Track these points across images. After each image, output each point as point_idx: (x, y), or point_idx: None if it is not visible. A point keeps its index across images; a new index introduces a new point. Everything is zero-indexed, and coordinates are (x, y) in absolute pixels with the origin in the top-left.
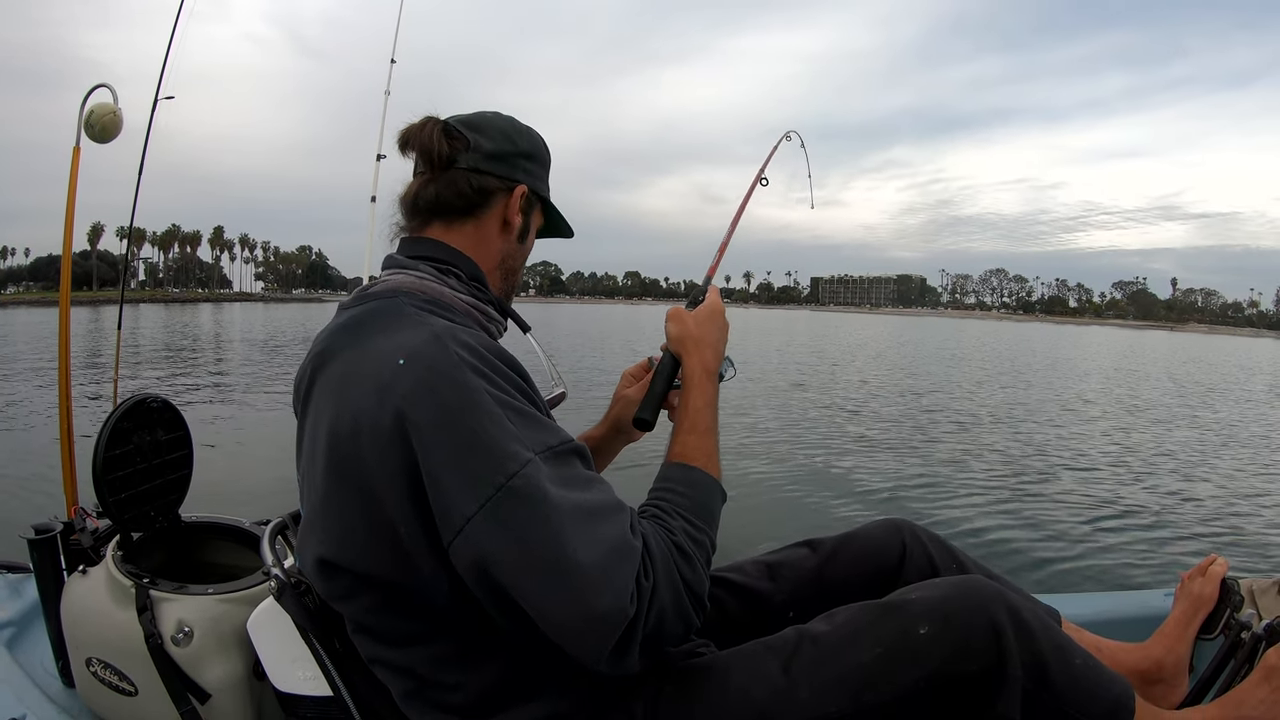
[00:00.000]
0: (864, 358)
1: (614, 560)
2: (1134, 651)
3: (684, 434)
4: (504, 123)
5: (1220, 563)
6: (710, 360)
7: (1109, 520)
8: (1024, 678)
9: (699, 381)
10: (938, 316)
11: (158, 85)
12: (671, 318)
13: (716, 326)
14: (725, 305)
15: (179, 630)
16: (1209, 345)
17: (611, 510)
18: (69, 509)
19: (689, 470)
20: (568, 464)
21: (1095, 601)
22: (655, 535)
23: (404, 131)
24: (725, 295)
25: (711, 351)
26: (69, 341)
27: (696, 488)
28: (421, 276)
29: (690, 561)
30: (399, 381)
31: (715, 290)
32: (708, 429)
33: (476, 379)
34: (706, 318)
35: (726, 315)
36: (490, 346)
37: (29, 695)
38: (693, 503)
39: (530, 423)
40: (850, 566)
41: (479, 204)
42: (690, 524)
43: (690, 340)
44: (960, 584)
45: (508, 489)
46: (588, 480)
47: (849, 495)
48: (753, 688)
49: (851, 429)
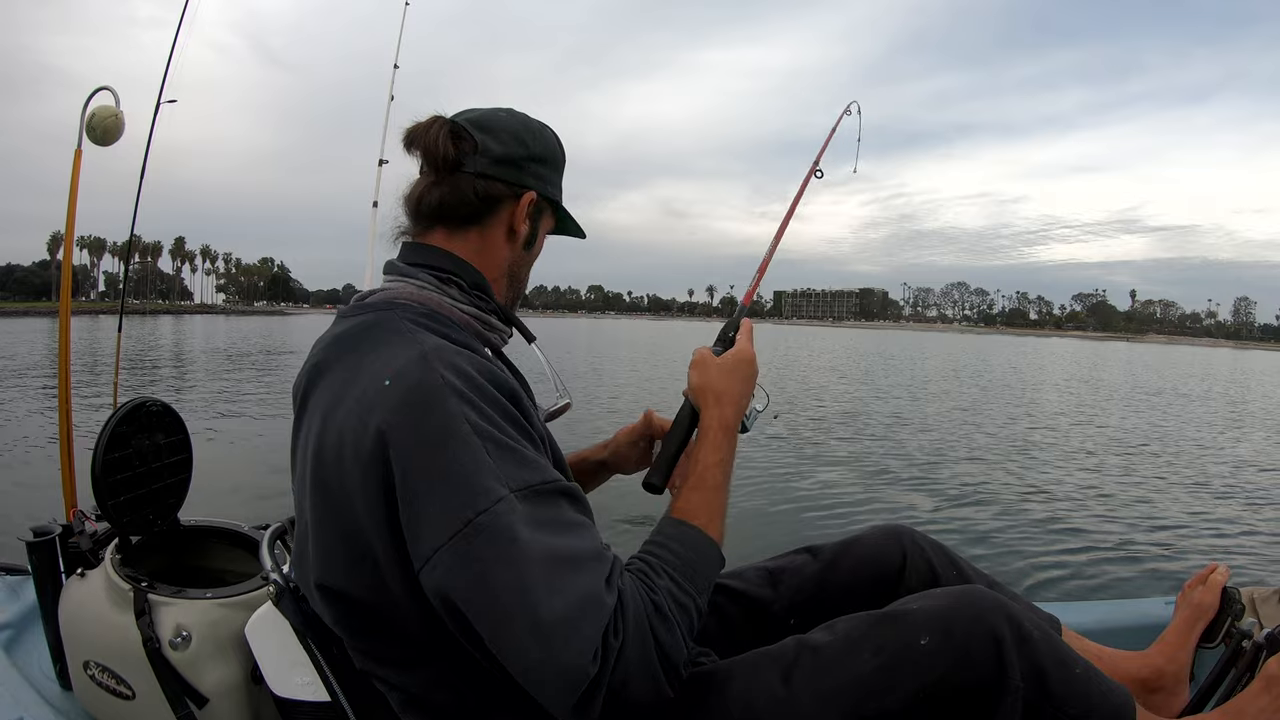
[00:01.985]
0: (850, 369)
1: (579, 614)
2: (1134, 660)
3: (690, 489)
4: (515, 123)
5: (1221, 571)
6: (730, 416)
7: (1109, 528)
8: (1025, 688)
9: (714, 437)
10: (899, 329)
11: (160, 90)
12: (695, 365)
13: (742, 378)
14: (691, 321)
15: (177, 634)
16: (1182, 356)
17: (587, 559)
18: (68, 512)
19: (687, 529)
20: (549, 504)
21: (1095, 610)
22: (635, 592)
23: (409, 130)
24: (686, 310)
25: (733, 407)
26: (69, 346)
27: (691, 548)
28: (422, 286)
29: (668, 625)
30: (383, 402)
31: (748, 329)
32: (715, 486)
33: (459, 405)
34: (732, 368)
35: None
36: (481, 369)
37: (26, 698)
38: (684, 563)
39: (511, 457)
40: (851, 573)
41: (484, 211)
42: (676, 585)
43: (711, 393)
44: (960, 594)
45: (475, 525)
46: (568, 524)
47: (849, 503)
48: (753, 697)
49: (848, 438)
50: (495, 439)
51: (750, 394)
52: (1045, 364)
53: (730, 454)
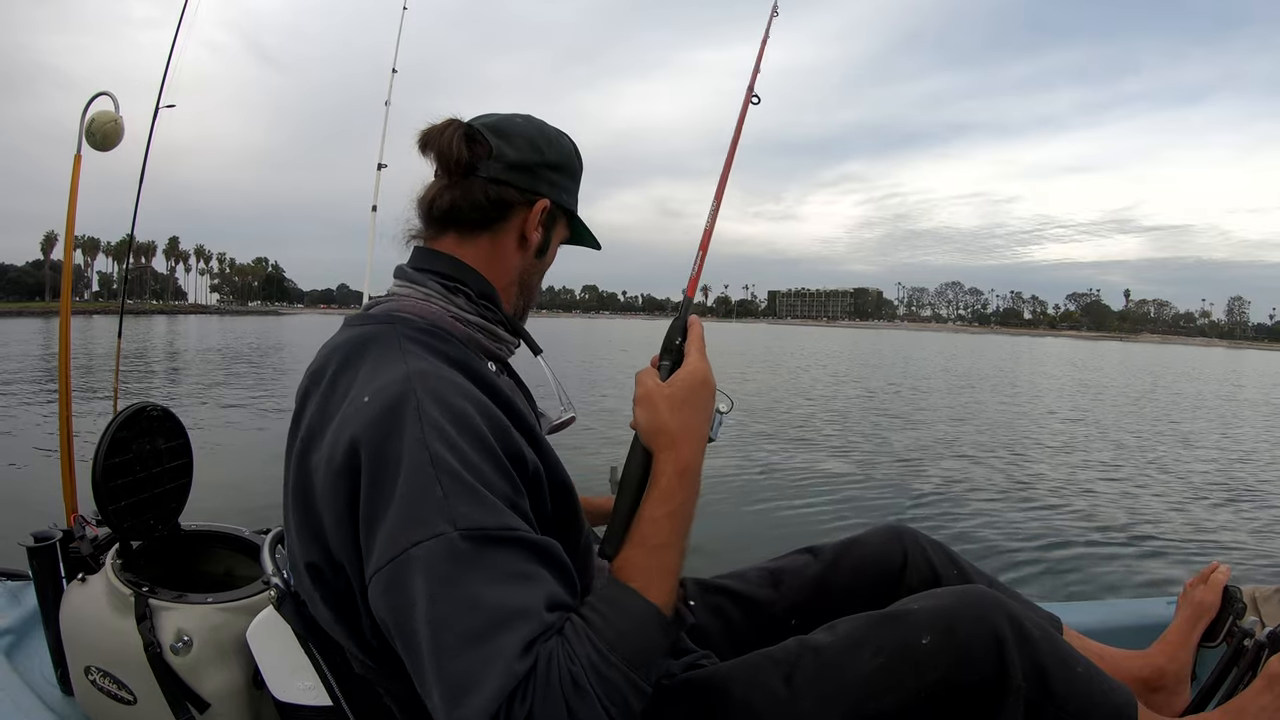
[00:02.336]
0: (848, 369)
1: (484, 670)
2: (1136, 659)
3: (631, 546)
4: (531, 129)
5: (1222, 570)
6: (688, 457)
7: (1110, 528)
8: (1026, 687)
9: (665, 485)
10: (894, 329)
11: (158, 95)
12: (640, 401)
13: (698, 407)
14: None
15: (178, 639)
16: (1176, 355)
17: (511, 617)
18: (68, 517)
19: (621, 592)
20: (495, 551)
21: (1097, 610)
22: (556, 660)
23: (424, 132)
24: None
25: (691, 445)
26: (69, 349)
27: (622, 614)
28: (428, 294)
29: (584, 699)
30: (358, 418)
31: (698, 335)
32: (662, 544)
33: (424, 432)
34: (684, 399)
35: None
36: (469, 396)
37: (27, 703)
38: (614, 632)
39: (468, 495)
40: (852, 573)
41: (496, 217)
42: (600, 655)
43: (664, 436)
44: (962, 594)
45: (409, 556)
46: (510, 575)
47: (850, 503)
48: (755, 699)
49: (847, 437)
50: (454, 473)
51: (710, 419)
52: (1041, 364)
53: (688, 499)
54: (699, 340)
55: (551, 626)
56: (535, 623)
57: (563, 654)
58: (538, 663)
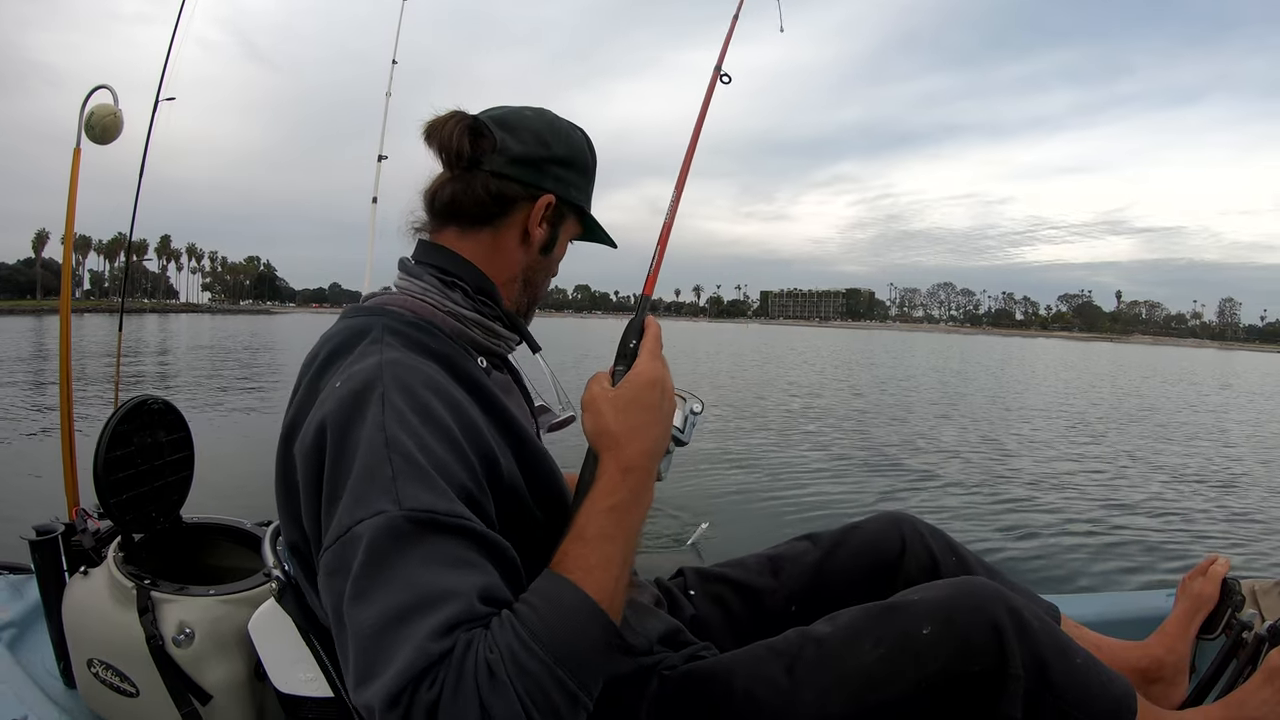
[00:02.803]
0: (846, 368)
1: (394, 651)
2: (1134, 650)
3: (568, 540)
4: (540, 123)
5: (1221, 562)
6: (632, 455)
7: (1110, 521)
8: (1025, 677)
9: (607, 482)
10: (886, 329)
11: (158, 87)
12: (585, 405)
13: (644, 408)
14: (678, 320)
15: (180, 631)
16: (1168, 356)
17: (436, 599)
18: (70, 510)
19: (553, 582)
20: (439, 536)
21: (1096, 602)
22: (476, 647)
23: (429, 123)
24: (674, 310)
25: (636, 445)
26: (70, 345)
27: (551, 605)
28: (424, 288)
29: (498, 688)
30: (330, 400)
31: (653, 337)
32: (601, 536)
33: (386, 415)
34: (629, 402)
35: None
36: (436, 388)
37: (30, 696)
38: (539, 622)
39: (418, 478)
40: (851, 559)
41: (497, 212)
42: (523, 645)
43: (606, 438)
44: (961, 584)
45: (353, 533)
46: (448, 561)
47: (851, 492)
48: (757, 690)
49: (852, 432)
50: (408, 455)
51: (664, 418)
52: (1035, 363)
53: (634, 497)
54: (652, 341)
55: (480, 615)
56: (461, 606)
57: (484, 643)
58: (455, 647)
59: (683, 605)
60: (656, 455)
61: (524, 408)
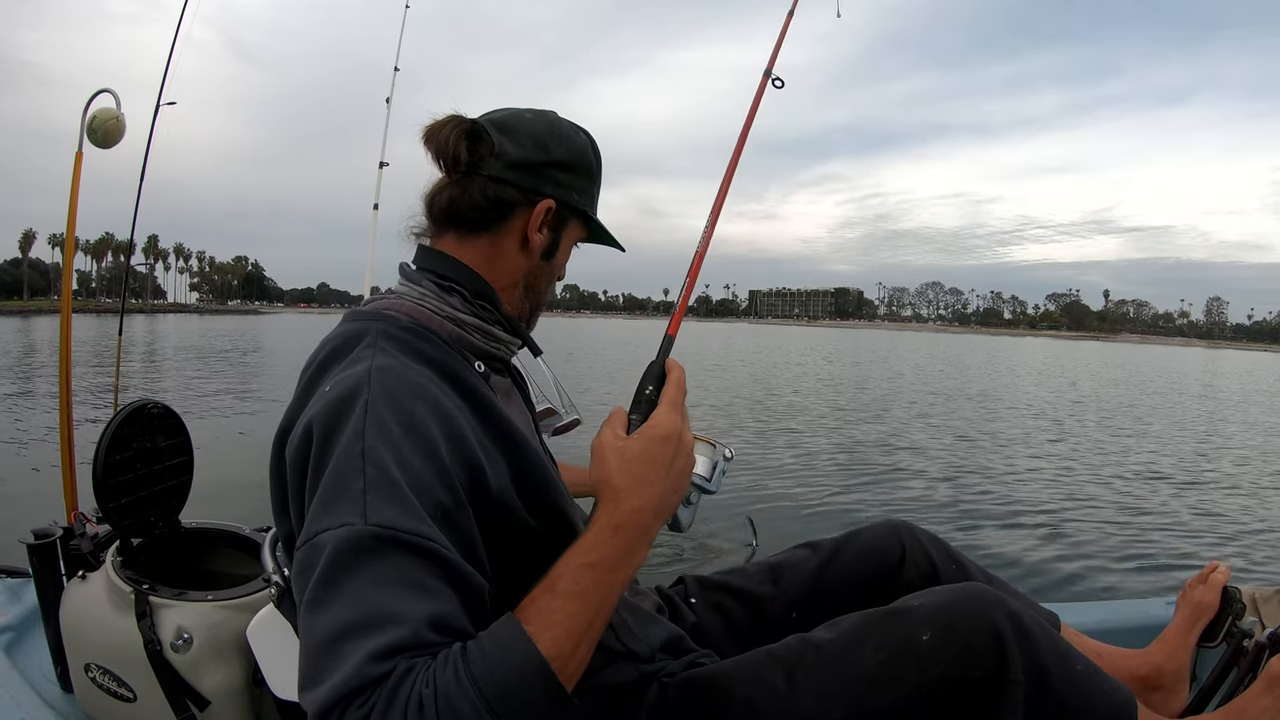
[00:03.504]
0: (844, 370)
1: (335, 665)
2: (1134, 658)
3: (539, 587)
4: (540, 126)
5: (1222, 570)
6: (628, 513)
7: (1109, 528)
8: (1026, 683)
9: (594, 535)
10: (874, 329)
11: (159, 92)
12: (595, 451)
13: (651, 464)
14: (662, 323)
15: (178, 636)
16: (1156, 355)
17: (383, 621)
18: (69, 514)
19: (509, 628)
20: (399, 555)
21: (1096, 610)
22: (413, 677)
23: (427, 127)
24: (663, 309)
25: (635, 504)
26: (70, 348)
27: (500, 653)
28: (422, 293)
29: None
30: (318, 404)
31: (676, 384)
32: (573, 593)
33: (367, 425)
34: (637, 454)
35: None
36: (426, 397)
37: (27, 700)
38: (482, 667)
39: (390, 494)
40: (851, 566)
41: (495, 218)
42: (458, 686)
43: (607, 488)
44: (961, 590)
45: (318, 540)
46: (404, 583)
47: (851, 501)
48: (757, 697)
49: (848, 439)
50: (382, 469)
51: (674, 476)
52: (1026, 362)
53: (620, 556)
54: (674, 390)
55: (426, 644)
56: (405, 632)
57: (424, 674)
58: (392, 673)
59: (684, 613)
60: (659, 514)
61: (525, 413)
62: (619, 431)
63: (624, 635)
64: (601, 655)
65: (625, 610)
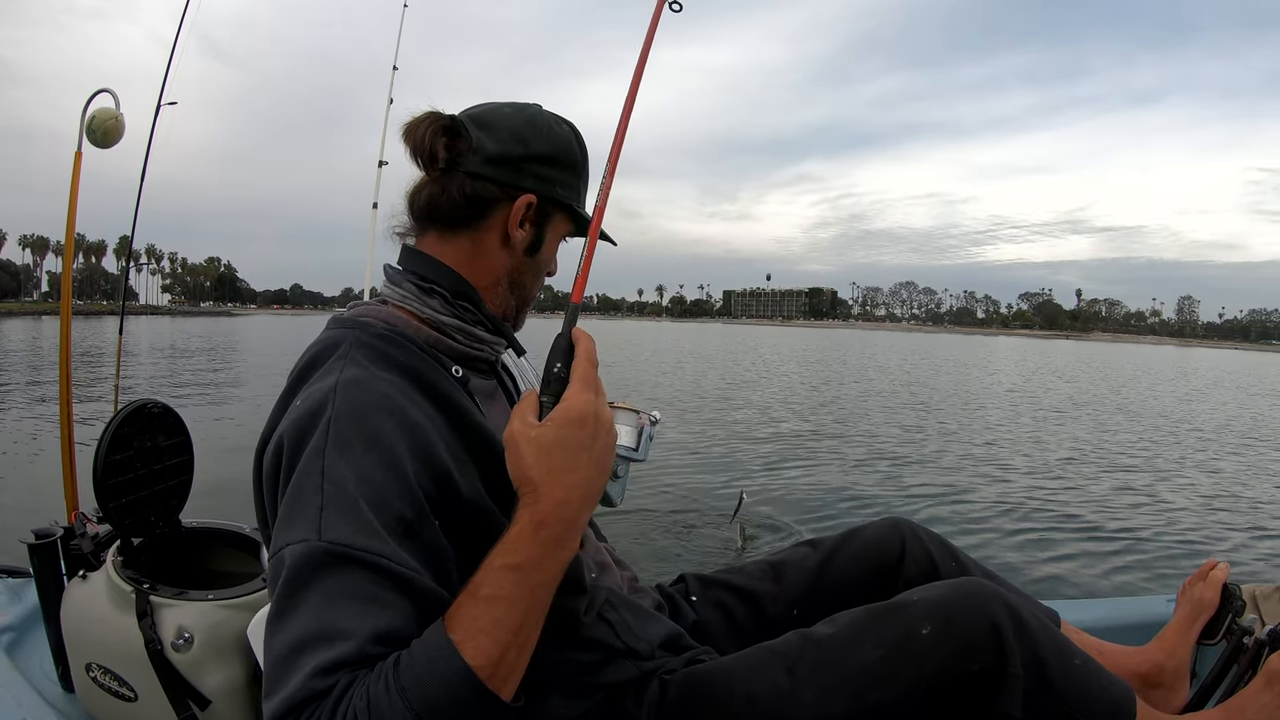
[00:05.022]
0: (844, 369)
1: (288, 678)
2: (1134, 655)
3: (463, 593)
4: (519, 119)
5: (1222, 567)
6: (549, 509)
7: (1108, 526)
8: (1025, 676)
9: (514, 535)
10: (849, 328)
11: (160, 91)
12: (507, 442)
13: (573, 449)
14: (640, 321)
15: (179, 636)
16: (1129, 353)
17: (331, 635)
18: (69, 514)
19: (437, 638)
20: (351, 571)
21: (1095, 607)
22: (355, 690)
23: (406, 125)
24: (637, 310)
25: (556, 497)
26: (69, 349)
27: (426, 662)
28: (404, 295)
29: None
30: (288, 417)
31: (585, 357)
32: (494, 598)
33: (329, 442)
34: (554, 441)
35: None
36: (392, 409)
37: (28, 700)
38: (410, 677)
39: (345, 510)
40: (851, 564)
41: (474, 215)
42: (387, 696)
43: (526, 484)
44: (960, 584)
45: (281, 555)
46: (354, 598)
47: (852, 501)
48: (758, 692)
49: (846, 434)
50: (340, 486)
51: (596, 460)
52: (1004, 361)
53: (543, 554)
54: (584, 364)
55: (370, 658)
56: (350, 648)
57: (361, 688)
58: (335, 687)
59: (684, 611)
60: (587, 501)
61: (509, 413)
62: (530, 419)
63: (623, 633)
64: (601, 653)
65: (625, 608)
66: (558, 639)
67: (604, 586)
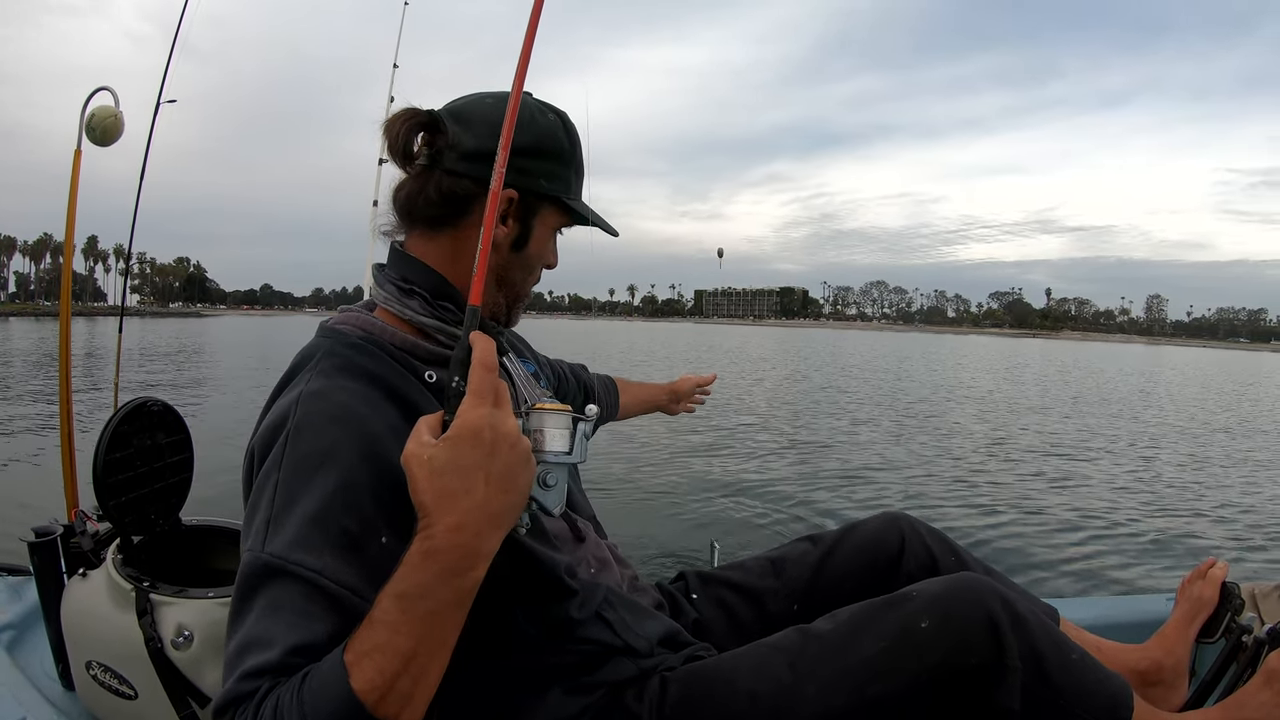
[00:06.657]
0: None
1: (227, 676)
2: (1133, 652)
3: (365, 620)
4: (497, 113)
5: (1220, 566)
6: (442, 536)
7: (1107, 524)
8: (1022, 669)
9: (406, 562)
10: (820, 328)
11: (160, 89)
12: (404, 464)
13: (462, 474)
14: (612, 320)
15: (179, 634)
16: (1104, 352)
17: (258, 644)
18: (69, 512)
19: (334, 658)
20: (285, 584)
21: (1094, 605)
22: (273, 698)
23: (385, 121)
24: (608, 309)
25: (448, 522)
26: (70, 347)
27: (321, 683)
28: (386, 298)
29: None
30: (260, 426)
31: (482, 366)
32: (384, 622)
33: (285, 456)
34: (446, 462)
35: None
36: (348, 420)
37: (29, 698)
38: (309, 693)
39: (289, 524)
40: (851, 558)
41: (453, 213)
42: (289, 710)
43: (421, 509)
44: (958, 580)
45: (245, 560)
46: (284, 610)
47: (853, 499)
48: (760, 688)
49: (852, 435)
50: (289, 501)
51: (497, 479)
52: (981, 359)
53: (435, 581)
54: (479, 372)
55: (289, 669)
56: (271, 656)
57: (273, 698)
58: (257, 692)
59: (685, 609)
60: (490, 523)
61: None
62: (425, 439)
63: (622, 631)
64: (600, 651)
65: (623, 607)
66: (552, 638)
67: (602, 584)
